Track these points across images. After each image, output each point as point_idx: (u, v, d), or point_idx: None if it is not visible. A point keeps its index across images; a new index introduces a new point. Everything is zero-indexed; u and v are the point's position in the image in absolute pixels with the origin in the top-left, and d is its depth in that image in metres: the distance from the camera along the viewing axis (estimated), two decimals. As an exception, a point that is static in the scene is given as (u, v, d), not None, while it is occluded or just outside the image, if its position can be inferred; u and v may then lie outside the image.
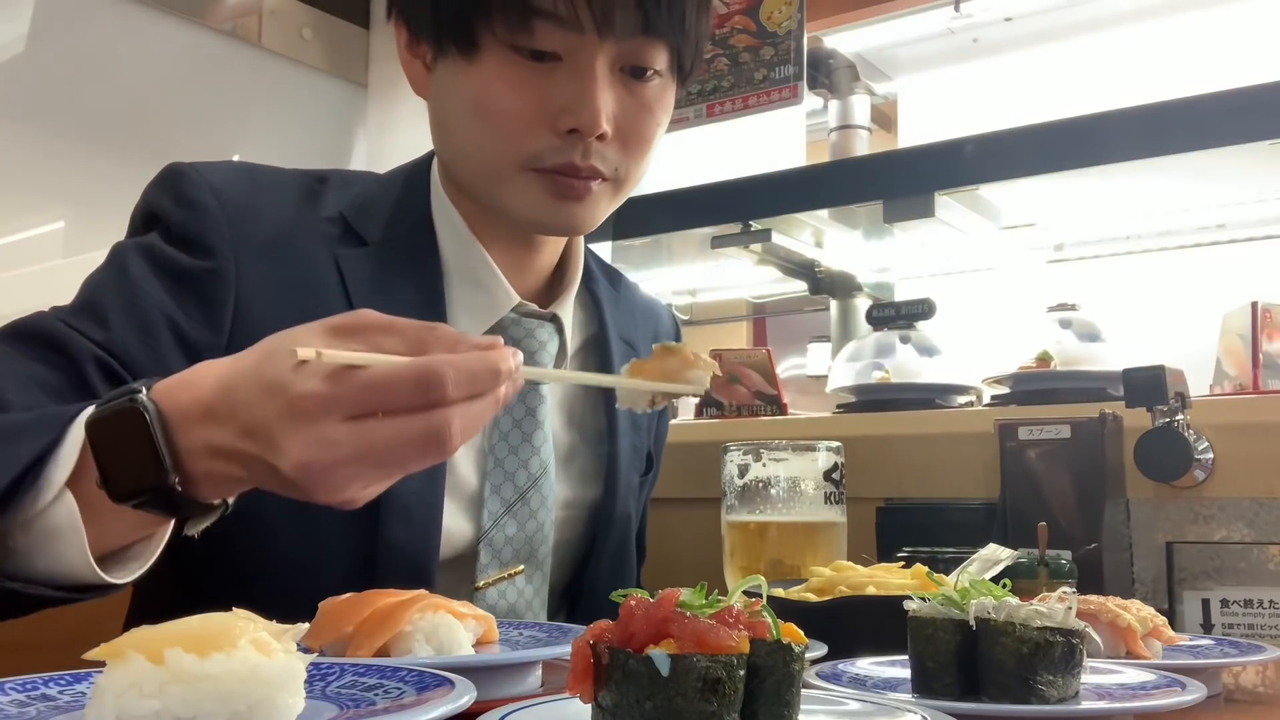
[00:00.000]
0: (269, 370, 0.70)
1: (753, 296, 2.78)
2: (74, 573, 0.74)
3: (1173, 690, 0.70)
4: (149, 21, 2.49)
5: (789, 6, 2.20)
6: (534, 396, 1.14)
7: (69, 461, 0.72)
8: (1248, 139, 1.58)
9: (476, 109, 1.03)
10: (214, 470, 0.72)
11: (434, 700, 0.55)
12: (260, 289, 1.02)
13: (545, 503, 1.13)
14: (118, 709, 0.50)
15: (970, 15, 2.21)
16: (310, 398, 0.68)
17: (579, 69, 1.00)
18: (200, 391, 0.72)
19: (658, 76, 1.06)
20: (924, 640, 0.71)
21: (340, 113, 2.88)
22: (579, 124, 1.00)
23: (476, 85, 1.02)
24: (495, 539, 1.10)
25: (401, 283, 1.09)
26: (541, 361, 1.13)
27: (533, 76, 1.01)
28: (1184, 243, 2.02)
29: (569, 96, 1.00)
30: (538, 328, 1.14)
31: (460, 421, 0.69)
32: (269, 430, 0.69)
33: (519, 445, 1.12)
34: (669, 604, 0.55)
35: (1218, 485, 1.35)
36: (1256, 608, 1.31)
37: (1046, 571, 1.03)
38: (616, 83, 1.03)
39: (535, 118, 1.01)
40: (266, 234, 1.04)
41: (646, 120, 1.06)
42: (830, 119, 2.37)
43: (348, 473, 0.69)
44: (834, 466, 1.30)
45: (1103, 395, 1.54)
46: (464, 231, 1.12)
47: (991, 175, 1.82)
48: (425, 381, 0.67)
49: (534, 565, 1.13)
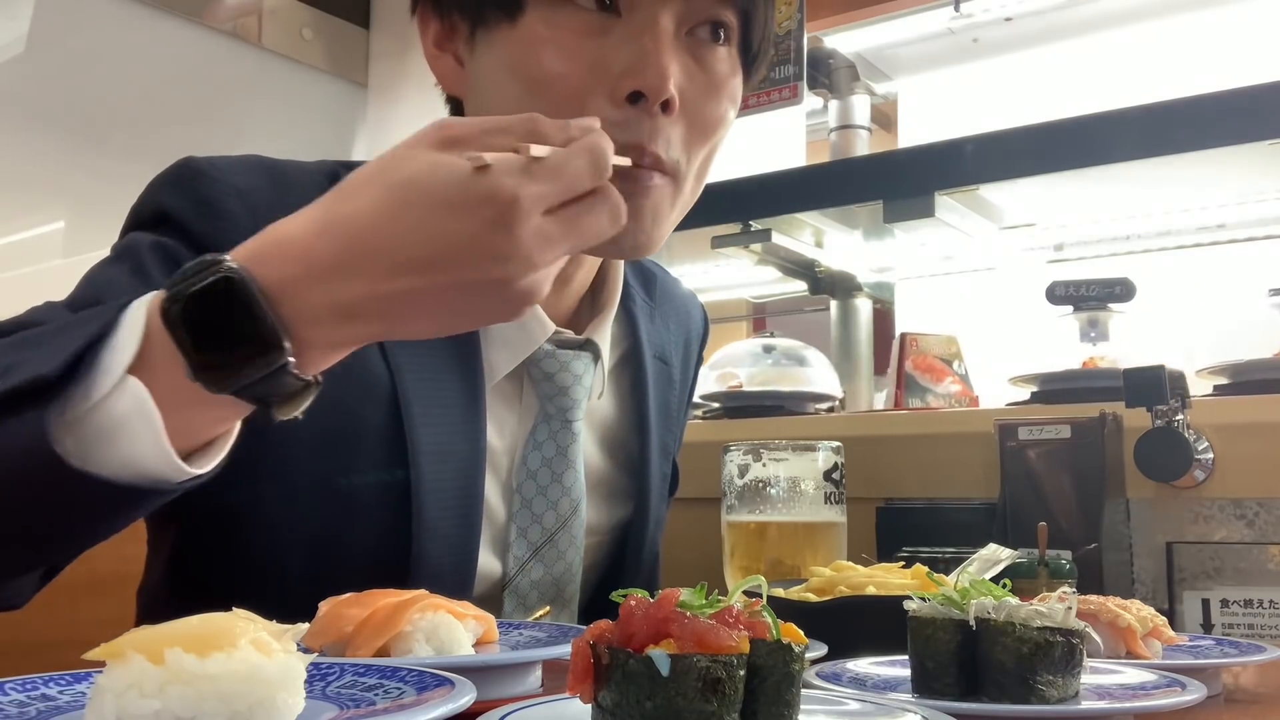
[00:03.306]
0: (443, 188, 0.63)
1: (753, 296, 2.79)
2: (145, 469, 0.65)
3: (1173, 690, 0.70)
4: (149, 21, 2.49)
5: (789, 6, 2.20)
6: (565, 435, 1.05)
7: (127, 347, 0.64)
8: (1248, 139, 1.58)
9: (523, 76, 0.90)
10: (336, 336, 0.67)
11: (434, 700, 0.55)
12: None
13: (574, 542, 1.07)
14: (118, 709, 0.50)
15: (970, 15, 2.20)
16: (525, 200, 0.63)
17: (642, 22, 0.88)
18: (304, 249, 0.65)
19: (727, 48, 0.95)
20: (924, 640, 0.71)
21: (340, 112, 2.88)
22: (643, 84, 0.87)
23: (523, 49, 0.90)
24: (521, 585, 1.04)
25: None
26: (577, 397, 1.05)
27: (587, 34, 0.89)
28: (1184, 243, 2.02)
29: (631, 55, 0.88)
30: (573, 360, 1.05)
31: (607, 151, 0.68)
32: (480, 248, 0.63)
33: (548, 485, 1.05)
34: (669, 604, 0.55)
35: (1218, 485, 1.35)
36: (1256, 608, 1.31)
37: (1046, 571, 1.03)
38: (683, 49, 0.91)
39: (591, 81, 0.88)
40: None
41: (714, 98, 0.94)
42: (830, 119, 2.37)
43: (554, 269, 0.68)
44: (834, 466, 1.30)
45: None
46: None
47: (991, 175, 1.82)
48: (595, 162, 0.66)
49: (560, 604, 1.08)
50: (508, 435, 1.05)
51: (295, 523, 0.94)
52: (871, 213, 2.02)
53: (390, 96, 2.90)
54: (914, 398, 1.77)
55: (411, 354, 0.97)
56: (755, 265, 2.26)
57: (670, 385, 1.22)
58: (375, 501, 0.95)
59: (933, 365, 1.79)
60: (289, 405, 0.67)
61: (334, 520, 0.94)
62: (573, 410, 1.06)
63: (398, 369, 0.96)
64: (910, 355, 1.79)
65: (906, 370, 1.77)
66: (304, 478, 0.93)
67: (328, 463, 0.93)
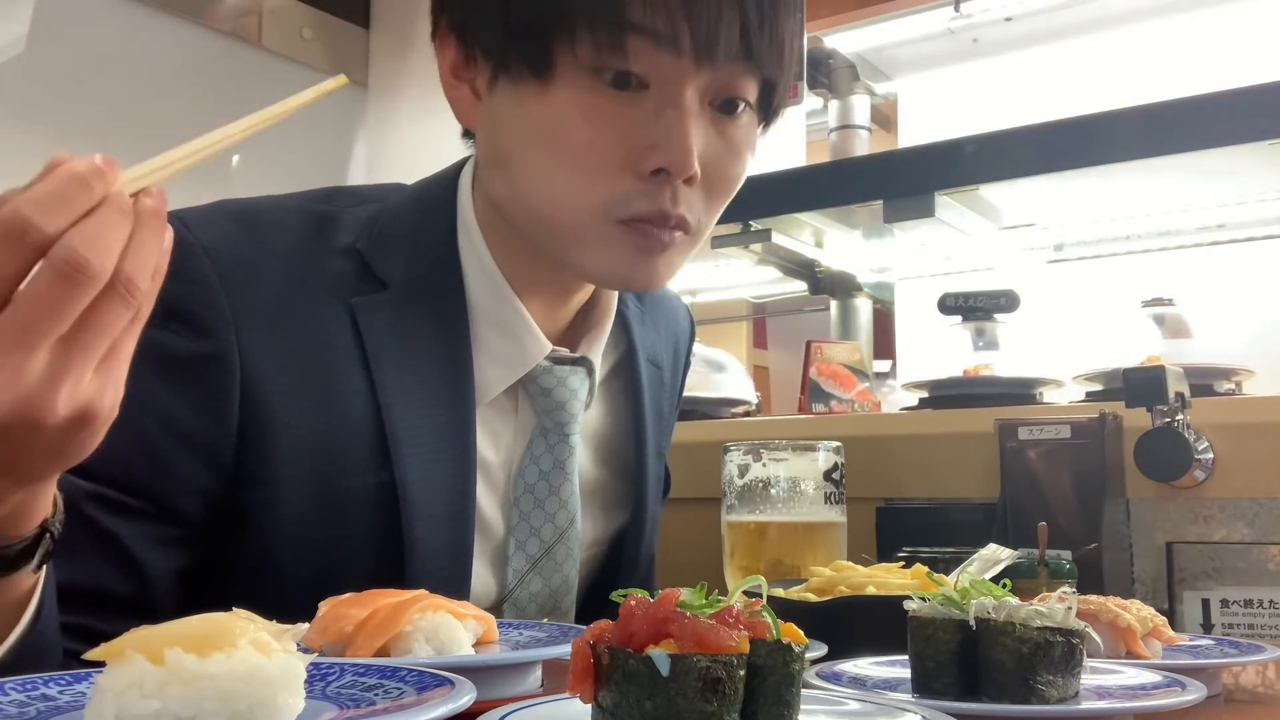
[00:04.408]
0: None
1: (753, 296, 2.79)
2: None
3: (1173, 690, 0.70)
4: (149, 21, 2.49)
5: (789, 6, 2.20)
6: (563, 448, 1.06)
7: None
8: (1248, 139, 1.58)
9: (549, 142, 0.91)
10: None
11: (434, 700, 0.55)
12: (266, 366, 0.91)
13: (571, 554, 1.07)
14: (118, 709, 0.50)
15: (970, 15, 2.21)
16: None
17: (669, 99, 0.89)
18: None
19: (747, 113, 0.96)
20: (924, 640, 0.71)
21: (340, 113, 2.88)
22: (668, 162, 0.89)
23: (551, 114, 0.90)
24: (520, 598, 1.04)
25: (425, 330, 0.98)
26: (574, 411, 1.05)
27: (615, 107, 0.89)
28: (1184, 243, 2.03)
29: (658, 131, 0.89)
30: (569, 375, 1.05)
31: (80, 241, 0.56)
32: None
33: (545, 499, 1.05)
34: (669, 604, 0.55)
35: (1218, 485, 1.35)
36: (1256, 608, 1.31)
37: (1046, 571, 1.03)
38: (705, 120, 0.92)
39: (618, 155, 0.90)
40: (270, 296, 0.93)
41: (733, 164, 0.96)
42: (830, 119, 2.37)
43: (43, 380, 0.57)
44: (834, 466, 1.30)
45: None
46: (496, 275, 1.01)
47: (991, 175, 1.82)
48: (9, 231, 0.55)
49: (558, 616, 1.08)
50: (504, 449, 1.05)
51: (293, 557, 0.94)
52: (871, 213, 2.02)
53: (390, 97, 2.90)
54: (818, 403, 1.89)
55: (399, 375, 0.96)
56: (755, 265, 2.26)
57: (661, 388, 1.22)
58: (368, 525, 0.95)
59: (837, 372, 1.92)
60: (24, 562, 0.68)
61: (330, 547, 0.94)
62: (570, 424, 1.06)
63: (386, 406, 0.95)
64: (815, 362, 1.90)
65: (811, 377, 1.89)
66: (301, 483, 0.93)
67: (321, 463, 0.93)
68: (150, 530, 0.89)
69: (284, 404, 0.92)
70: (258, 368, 0.91)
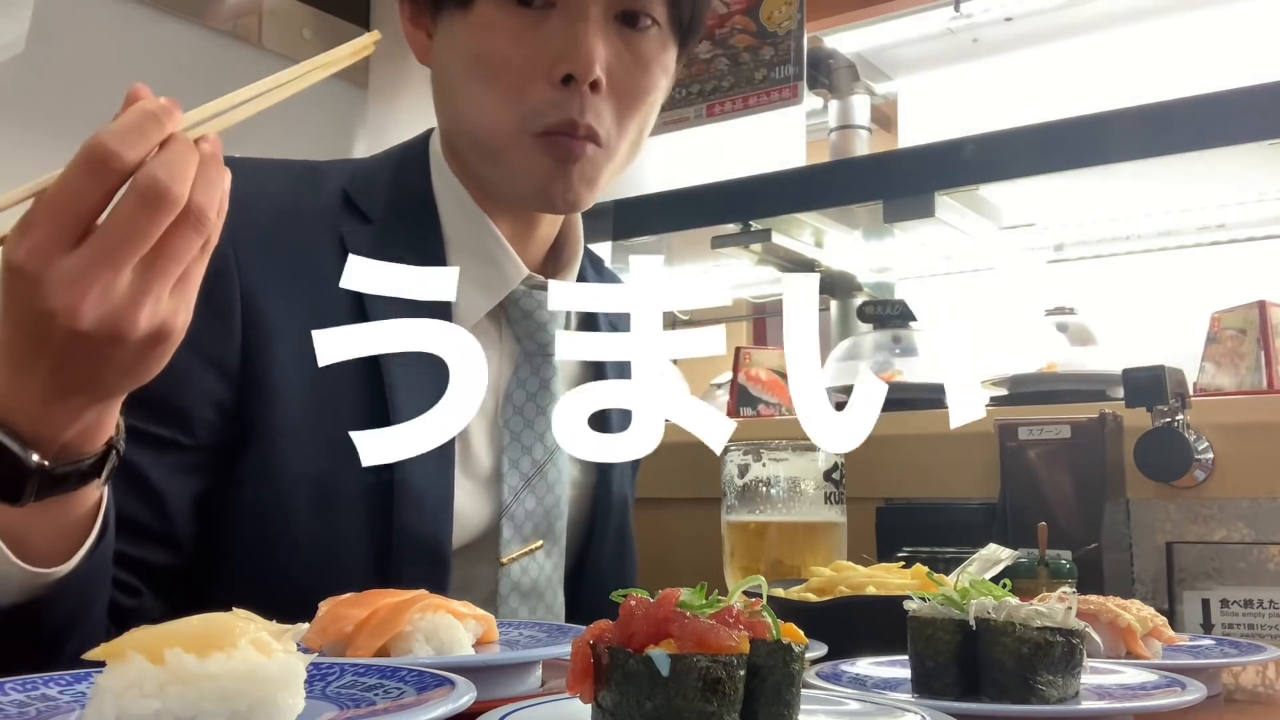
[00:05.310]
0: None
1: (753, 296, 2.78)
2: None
3: (1173, 690, 0.70)
4: (149, 21, 2.49)
5: (789, 6, 2.20)
6: (547, 368, 1.12)
7: None
8: (1248, 139, 1.58)
9: (473, 60, 1.02)
10: (61, 419, 0.69)
11: (434, 700, 0.55)
12: (264, 282, 0.99)
13: (560, 476, 1.13)
14: (118, 709, 0.50)
15: (970, 15, 2.20)
16: (25, 252, 0.62)
17: (572, 13, 1.00)
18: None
19: (655, 27, 1.04)
20: (924, 640, 0.71)
21: (340, 113, 2.88)
22: (573, 68, 0.99)
23: (472, 36, 1.01)
24: (516, 514, 1.09)
25: (407, 258, 1.05)
26: (555, 332, 1.11)
27: (526, 25, 1.00)
28: (1184, 243, 2.02)
29: (562, 42, 0.99)
30: (548, 298, 1.13)
31: (161, 169, 0.64)
32: (33, 320, 0.64)
33: (535, 418, 1.11)
34: (669, 604, 0.55)
35: (1218, 485, 1.34)
36: (1256, 608, 1.31)
37: (1046, 571, 1.03)
38: (611, 32, 1.02)
39: (530, 67, 1.00)
40: (264, 221, 1.01)
41: (640, 75, 1.04)
42: (830, 119, 2.37)
43: (127, 297, 0.64)
44: (834, 466, 1.30)
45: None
46: (470, 205, 1.09)
47: (991, 175, 1.82)
48: (93, 160, 0.63)
49: (552, 540, 1.12)
50: (490, 375, 1.07)
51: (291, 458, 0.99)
52: (871, 213, 2.02)
53: (390, 97, 2.90)
54: (746, 406, 1.96)
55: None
56: (755, 265, 2.26)
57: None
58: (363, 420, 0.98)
59: (764, 378, 1.99)
60: (93, 477, 0.73)
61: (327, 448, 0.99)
62: (551, 345, 1.11)
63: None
64: (743, 368, 1.98)
65: (740, 382, 1.97)
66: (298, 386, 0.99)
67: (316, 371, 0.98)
68: (169, 459, 0.95)
69: (280, 316, 0.99)
70: (255, 283, 0.99)
